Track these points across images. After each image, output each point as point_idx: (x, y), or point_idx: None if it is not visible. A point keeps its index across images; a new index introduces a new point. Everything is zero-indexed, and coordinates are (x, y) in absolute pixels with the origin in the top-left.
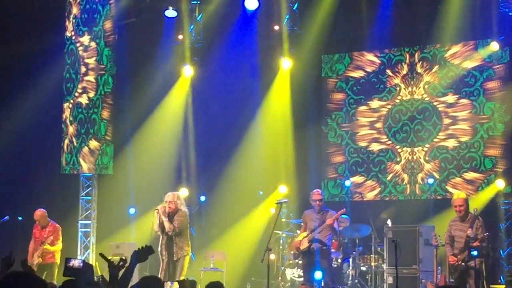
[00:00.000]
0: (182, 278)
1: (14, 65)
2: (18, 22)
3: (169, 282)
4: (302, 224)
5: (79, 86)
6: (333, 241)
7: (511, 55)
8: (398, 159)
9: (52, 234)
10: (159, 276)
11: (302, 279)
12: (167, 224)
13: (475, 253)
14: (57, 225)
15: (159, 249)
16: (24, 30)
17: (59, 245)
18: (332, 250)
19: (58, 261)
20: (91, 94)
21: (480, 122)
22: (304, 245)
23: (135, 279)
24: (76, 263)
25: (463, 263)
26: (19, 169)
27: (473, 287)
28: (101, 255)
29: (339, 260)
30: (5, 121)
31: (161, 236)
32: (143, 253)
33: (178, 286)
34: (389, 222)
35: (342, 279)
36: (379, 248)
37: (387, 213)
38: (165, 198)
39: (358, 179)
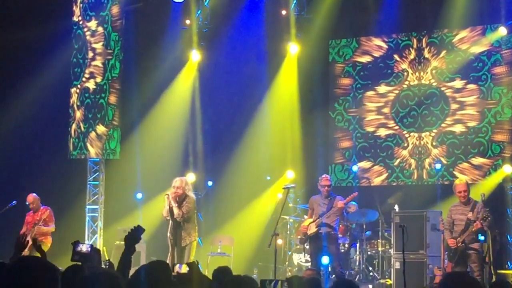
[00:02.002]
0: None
1: (22, 50)
2: (25, 7)
3: (177, 265)
4: (308, 209)
5: (87, 71)
6: (340, 226)
7: None
8: (406, 144)
9: (46, 216)
10: (167, 260)
11: (309, 264)
12: (176, 210)
13: (482, 237)
14: (49, 208)
15: (168, 234)
16: (31, 15)
17: (52, 227)
18: (339, 235)
19: (49, 244)
20: (99, 79)
21: (488, 107)
22: (312, 229)
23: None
24: (84, 247)
25: (463, 244)
26: (27, 155)
27: (475, 270)
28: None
29: (346, 245)
30: (13, 106)
31: (170, 222)
32: (134, 234)
33: (187, 268)
34: (396, 207)
35: (349, 264)
36: (386, 233)
37: (394, 198)
38: (173, 183)
39: (365, 164)
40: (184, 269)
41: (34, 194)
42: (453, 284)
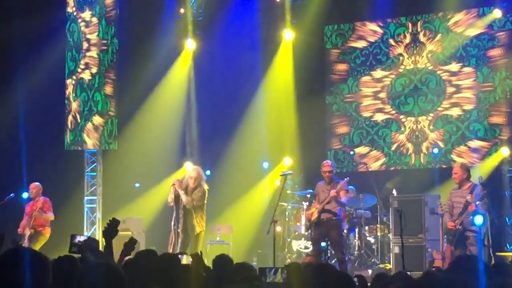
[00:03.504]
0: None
1: (16, 41)
2: None
3: (179, 256)
4: (315, 195)
5: (82, 62)
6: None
7: None
8: (403, 129)
9: (41, 204)
10: (169, 249)
11: (308, 250)
12: (184, 197)
13: (479, 220)
14: (47, 198)
15: (172, 223)
16: (25, 7)
17: (50, 216)
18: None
19: (47, 234)
20: (94, 70)
21: (484, 90)
22: (314, 216)
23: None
24: (81, 239)
25: (460, 227)
26: (23, 147)
27: (474, 253)
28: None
29: (345, 231)
30: (8, 98)
31: (175, 210)
32: (111, 228)
33: (189, 259)
34: (394, 191)
35: (348, 249)
36: (384, 218)
37: (392, 183)
38: (188, 173)
39: (362, 149)
40: (186, 259)
41: (37, 183)
42: (462, 267)
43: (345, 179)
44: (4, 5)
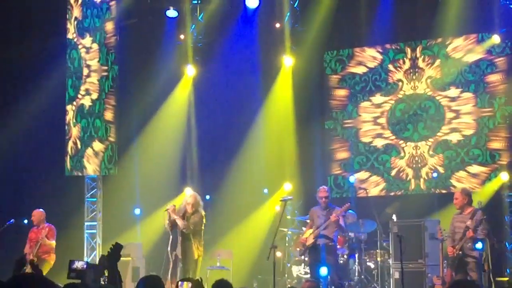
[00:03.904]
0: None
1: (16, 68)
2: (19, 24)
3: (179, 282)
4: (308, 221)
5: (82, 88)
6: (339, 237)
7: None
8: (402, 154)
9: (47, 232)
10: (168, 275)
11: (308, 275)
12: (180, 222)
13: (479, 246)
14: (52, 226)
15: (168, 248)
16: (25, 33)
17: (52, 242)
18: (338, 246)
19: (52, 261)
20: (94, 96)
21: (484, 115)
22: (310, 241)
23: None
24: (79, 265)
25: (460, 252)
26: (24, 173)
27: (474, 279)
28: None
29: (345, 256)
30: (9, 124)
31: (171, 236)
32: (114, 253)
33: (189, 285)
34: (394, 217)
35: (348, 274)
36: (384, 244)
37: (392, 208)
38: (185, 199)
39: (362, 175)
40: (186, 286)
41: (41, 209)
42: None
43: (347, 204)
44: (5, 31)
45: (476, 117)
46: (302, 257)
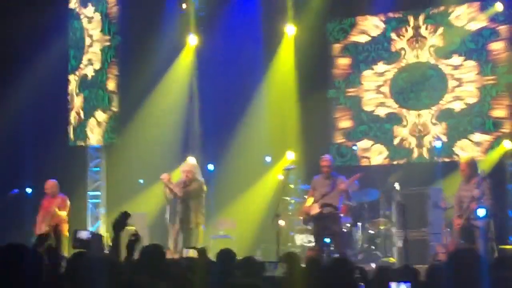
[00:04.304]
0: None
1: (18, 38)
2: None
3: (183, 249)
4: (310, 189)
5: (84, 58)
6: (342, 205)
7: None
8: (405, 123)
9: (60, 203)
10: (170, 244)
11: (311, 244)
12: (177, 189)
13: (482, 212)
14: (66, 197)
15: (166, 216)
16: (27, 3)
17: (64, 213)
18: (342, 215)
19: (66, 233)
20: (97, 66)
21: (486, 84)
22: (315, 210)
23: None
24: (84, 234)
25: (465, 221)
26: (27, 143)
27: (479, 246)
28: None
29: (349, 225)
30: (11, 95)
31: (169, 205)
32: (121, 220)
33: (195, 253)
34: (397, 185)
35: (352, 243)
36: (387, 212)
37: (394, 177)
38: (181, 167)
39: (365, 143)
40: (192, 253)
41: (54, 180)
42: (459, 262)
43: (357, 174)
44: (5, 2)
45: (479, 85)
46: (307, 225)
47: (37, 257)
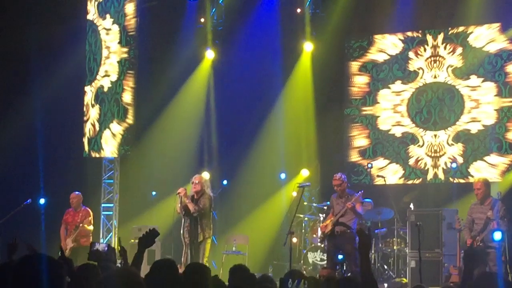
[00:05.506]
0: (205, 260)
1: (37, 48)
2: (40, 5)
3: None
4: (325, 208)
5: (101, 69)
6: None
7: None
8: (421, 143)
9: (86, 217)
10: (182, 259)
11: (324, 262)
12: (190, 205)
13: (498, 236)
14: (89, 210)
15: (181, 231)
16: (46, 14)
17: (91, 228)
18: (356, 234)
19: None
20: (113, 78)
21: (504, 105)
22: (328, 228)
23: None
24: (100, 247)
25: (481, 243)
26: (41, 154)
27: (493, 269)
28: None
29: None
30: (27, 105)
31: (183, 219)
32: (149, 237)
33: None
34: (411, 205)
35: None
36: (401, 232)
37: (409, 197)
38: (192, 179)
39: (380, 162)
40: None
41: (78, 192)
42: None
43: (359, 192)
44: (25, 13)
45: (497, 107)
46: (321, 244)
47: (62, 268)
